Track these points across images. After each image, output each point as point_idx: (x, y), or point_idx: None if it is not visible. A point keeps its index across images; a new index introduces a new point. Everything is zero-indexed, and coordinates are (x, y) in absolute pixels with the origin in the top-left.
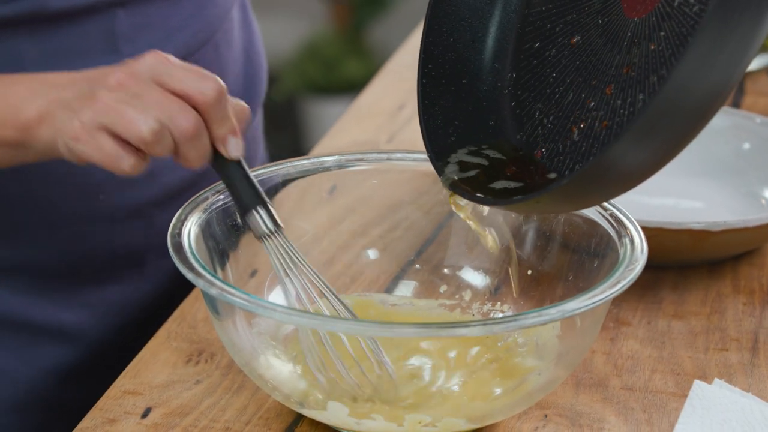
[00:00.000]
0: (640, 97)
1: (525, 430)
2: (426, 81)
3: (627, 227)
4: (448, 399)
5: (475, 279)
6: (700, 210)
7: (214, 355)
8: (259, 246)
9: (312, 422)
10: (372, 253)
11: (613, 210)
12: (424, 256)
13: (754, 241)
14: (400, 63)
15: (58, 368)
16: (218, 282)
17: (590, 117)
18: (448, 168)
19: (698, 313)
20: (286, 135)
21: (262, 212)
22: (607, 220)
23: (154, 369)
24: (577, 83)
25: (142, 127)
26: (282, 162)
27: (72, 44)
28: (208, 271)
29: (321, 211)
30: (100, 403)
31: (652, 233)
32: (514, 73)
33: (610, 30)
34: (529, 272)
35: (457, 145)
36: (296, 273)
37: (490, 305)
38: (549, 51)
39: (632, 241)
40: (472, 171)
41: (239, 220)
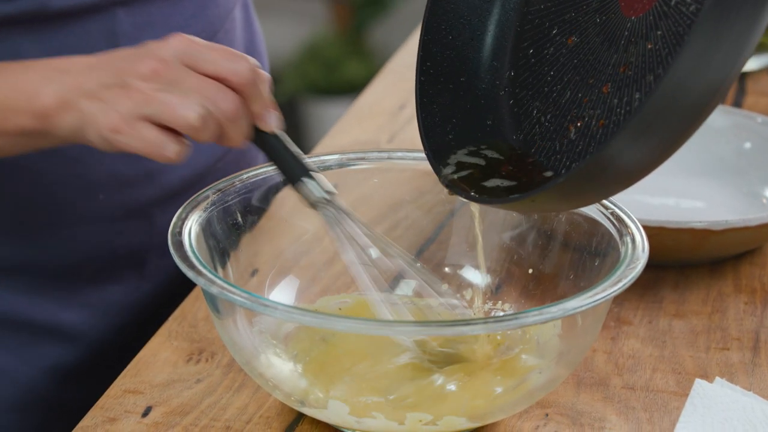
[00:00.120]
0: (637, 96)
1: (526, 428)
2: (424, 79)
3: (628, 226)
4: (448, 397)
5: (476, 278)
6: (701, 209)
7: (214, 354)
8: (260, 245)
9: (313, 421)
10: (373, 252)
11: (615, 209)
12: (425, 255)
13: (755, 241)
14: (401, 63)
15: (58, 368)
16: (219, 280)
17: (587, 115)
18: (447, 166)
19: (699, 312)
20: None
21: (311, 181)
22: (609, 218)
23: (154, 368)
24: (575, 82)
25: (190, 114)
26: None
27: (73, 43)
28: (209, 270)
29: None
30: (100, 402)
31: (653, 232)
32: (513, 72)
33: (608, 29)
34: (530, 271)
35: (455, 142)
36: (354, 240)
37: (491, 304)
38: (547, 49)
39: (633, 240)
40: (469, 169)
41: (287, 189)
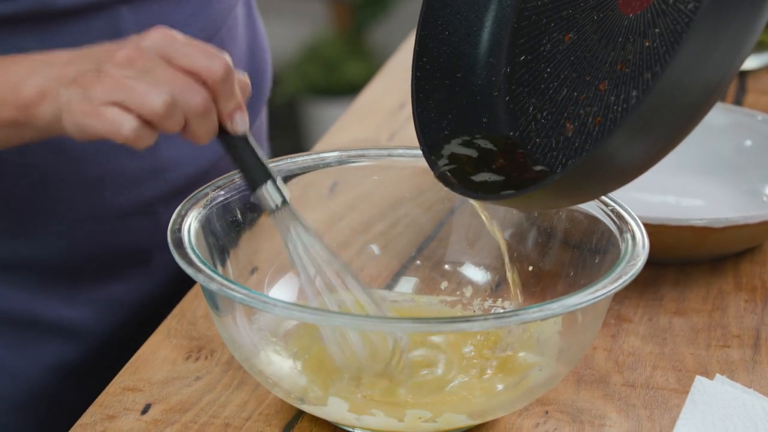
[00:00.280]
0: (634, 93)
1: (526, 426)
2: (420, 74)
3: (628, 223)
4: (448, 395)
5: (476, 275)
6: (701, 207)
7: (214, 351)
8: (260, 242)
9: (312, 418)
10: (373, 249)
11: (615, 206)
12: (425, 253)
13: (755, 238)
14: (401, 62)
15: (60, 365)
16: (218, 277)
17: (584, 113)
18: (441, 161)
19: (700, 309)
20: (287, 137)
21: (271, 187)
22: (609, 215)
23: (153, 365)
24: (572, 79)
25: (156, 100)
26: (283, 158)
27: (76, 42)
28: (208, 267)
29: (322, 207)
30: (99, 399)
31: (653, 230)
32: (509, 68)
33: (605, 26)
34: (530, 268)
35: (451, 138)
36: (304, 251)
37: (491, 301)
38: (544, 46)
39: (633, 237)
40: (464, 165)
41: (250, 199)
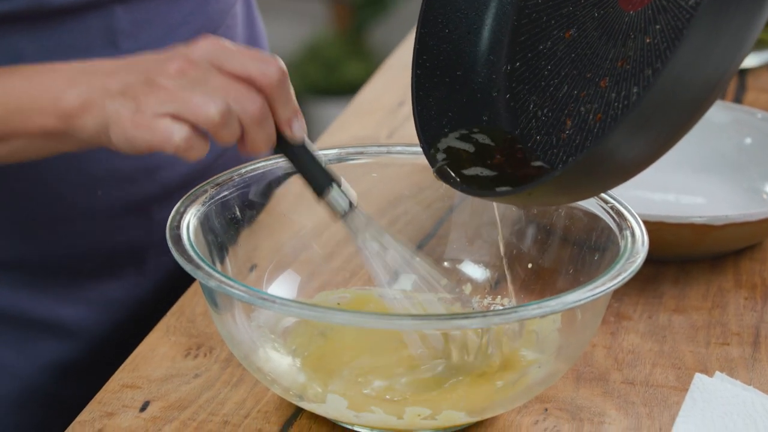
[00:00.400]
0: (635, 90)
1: (525, 423)
2: (420, 72)
3: (628, 220)
4: (447, 392)
5: (476, 273)
6: (701, 205)
7: (212, 348)
8: (259, 240)
9: (311, 415)
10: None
11: (614, 203)
12: (424, 250)
13: (755, 236)
14: (400, 60)
15: (57, 364)
16: (217, 274)
17: (584, 110)
18: (439, 155)
19: (699, 307)
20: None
21: (336, 192)
22: (608, 213)
23: (152, 363)
24: (572, 76)
25: (211, 109)
26: (282, 155)
27: (71, 40)
28: (207, 263)
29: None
30: (98, 397)
31: (653, 227)
32: (509, 66)
33: (606, 23)
34: (530, 266)
35: (450, 134)
36: (378, 250)
37: (491, 299)
38: (544, 44)
39: (633, 234)
40: (462, 161)
41: (314, 197)
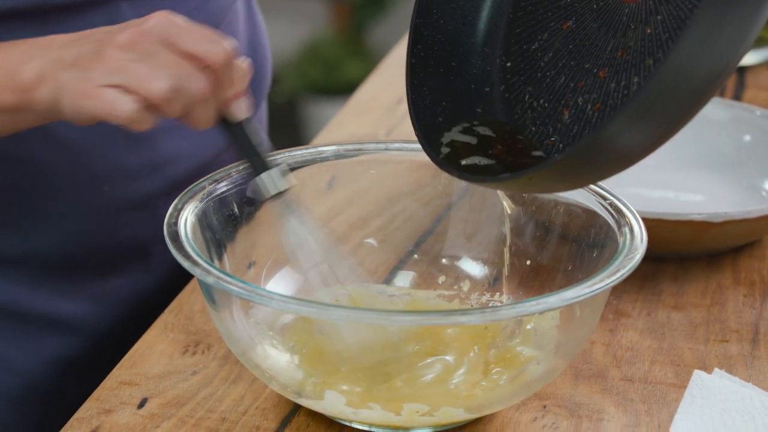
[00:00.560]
0: (635, 80)
1: (524, 420)
2: (415, 61)
3: (626, 216)
4: (446, 388)
5: (474, 269)
6: (700, 203)
7: (211, 346)
8: (257, 236)
9: (309, 412)
10: (370, 244)
11: (613, 200)
12: (422, 247)
13: (754, 233)
14: (399, 58)
15: (59, 360)
16: (215, 270)
17: (582, 99)
18: (443, 149)
19: (698, 304)
20: (287, 136)
21: (266, 176)
22: (606, 209)
23: (150, 360)
24: (570, 67)
25: (159, 83)
26: (281, 152)
27: None
28: (205, 260)
29: (320, 202)
30: (96, 394)
31: (652, 224)
32: (504, 57)
33: (605, 14)
34: (528, 263)
35: (445, 125)
36: (299, 244)
37: (489, 296)
38: (541, 35)
39: (632, 230)
40: (460, 150)
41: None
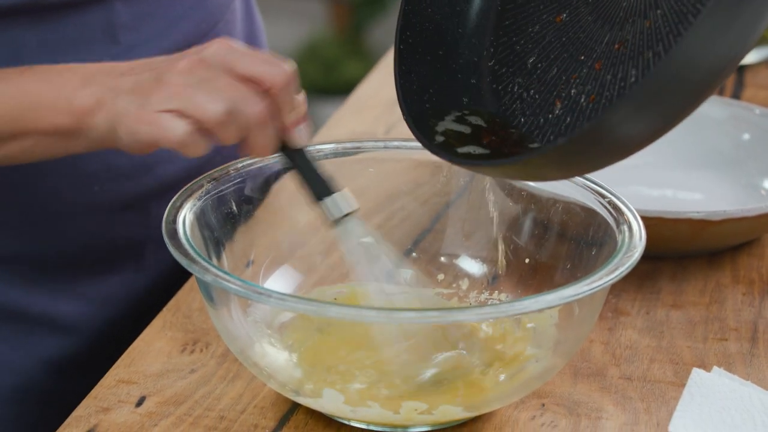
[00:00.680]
0: (633, 72)
1: (522, 418)
2: (403, 47)
3: (625, 215)
4: (444, 386)
5: (473, 267)
6: (699, 201)
7: (209, 344)
8: (255, 235)
9: (307, 411)
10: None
11: (611, 198)
12: (421, 246)
13: (753, 231)
14: None
15: (54, 359)
16: (213, 268)
17: (576, 91)
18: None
19: (697, 303)
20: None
21: (333, 200)
22: (605, 207)
23: (148, 358)
24: (563, 59)
25: (215, 107)
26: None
27: (71, 34)
28: (203, 258)
29: None
30: (94, 392)
31: (651, 223)
32: (492, 49)
33: (601, 7)
34: (527, 261)
35: (432, 112)
36: (370, 259)
37: (488, 294)
38: (532, 27)
39: (630, 229)
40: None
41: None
